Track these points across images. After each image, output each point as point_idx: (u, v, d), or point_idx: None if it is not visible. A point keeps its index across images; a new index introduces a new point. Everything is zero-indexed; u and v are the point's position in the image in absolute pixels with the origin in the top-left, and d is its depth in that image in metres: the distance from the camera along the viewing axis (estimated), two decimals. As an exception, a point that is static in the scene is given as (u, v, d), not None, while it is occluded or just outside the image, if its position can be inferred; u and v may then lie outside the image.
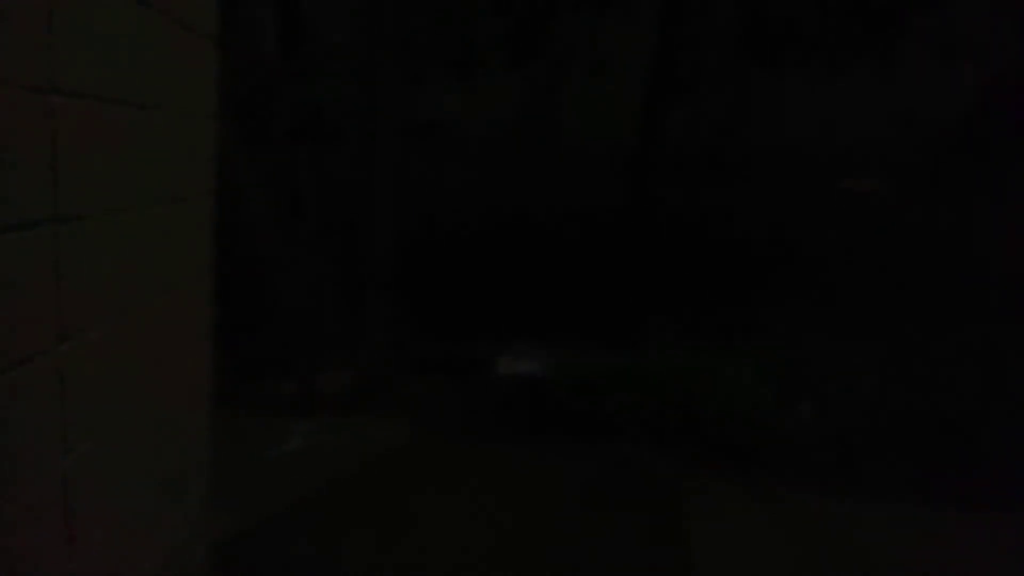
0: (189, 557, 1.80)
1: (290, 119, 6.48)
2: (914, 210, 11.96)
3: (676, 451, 4.82)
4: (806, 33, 7.37)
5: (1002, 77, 10.28)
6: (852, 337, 7.40)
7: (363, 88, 6.43)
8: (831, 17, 7.65)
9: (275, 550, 3.37)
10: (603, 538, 3.67)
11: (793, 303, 8.94)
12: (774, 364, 5.85)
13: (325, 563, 3.28)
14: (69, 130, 1.09)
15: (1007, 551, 3.67)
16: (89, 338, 1.20)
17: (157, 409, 1.55)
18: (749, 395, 5.18)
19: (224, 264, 2.17)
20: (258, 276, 5.99)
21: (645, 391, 5.30)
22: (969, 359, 6.65)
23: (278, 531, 3.54)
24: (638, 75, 7.48)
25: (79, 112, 1.12)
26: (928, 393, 5.71)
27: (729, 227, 11.71)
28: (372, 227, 6.13)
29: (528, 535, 3.66)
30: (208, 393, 1.96)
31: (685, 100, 9.09)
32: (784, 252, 10.93)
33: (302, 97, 6.61)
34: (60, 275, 1.08)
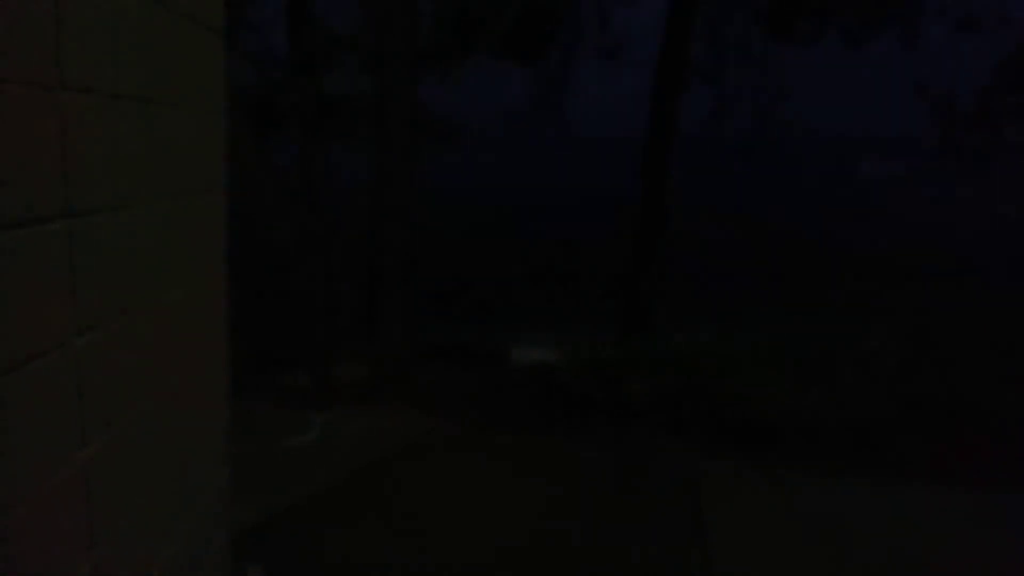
0: (209, 548, 1.83)
1: (302, 112, 6.49)
2: (933, 191, 11.81)
3: (693, 435, 4.81)
4: (822, 4, 7.22)
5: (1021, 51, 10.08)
6: (868, 321, 7.33)
7: (374, 80, 6.42)
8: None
9: (295, 541, 3.40)
10: (621, 523, 3.68)
11: (809, 289, 8.87)
12: (791, 348, 5.82)
13: (346, 553, 3.32)
14: (79, 126, 1.10)
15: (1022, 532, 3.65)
16: (105, 331, 1.21)
17: (175, 401, 1.57)
18: (766, 379, 5.16)
19: (240, 257, 2.19)
20: (273, 269, 6.02)
21: (662, 375, 5.30)
22: (984, 342, 6.57)
23: (298, 522, 3.58)
24: (651, 58, 7.41)
25: (88, 108, 1.12)
26: (943, 376, 5.66)
27: (743, 211, 11.62)
28: (385, 216, 6.14)
29: (548, 521, 3.68)
30: (226, 384, 1.98)
31: (699, 82, 8.98)
32: (800, 237, 10.84)
33: (313, 90, 6.61)
34: (74, 269, 1.10)
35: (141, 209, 1.35)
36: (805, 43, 7.98)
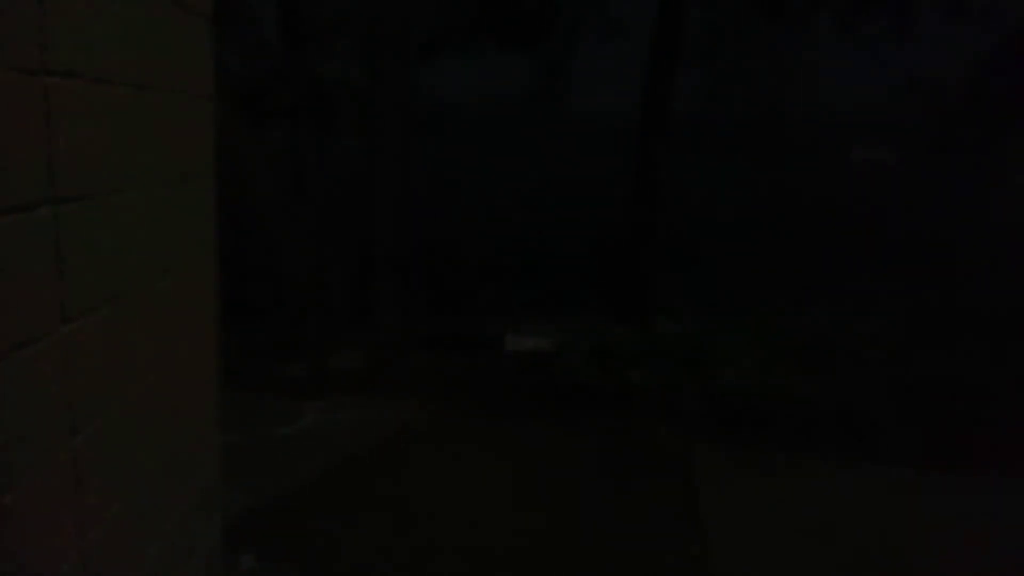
0: (201, 535, 1.83)
1: (294, 98, 6.45)
2: (924, 176, 11.83)
3: (689, 422, 4.83)
4: None
5: (1013, 38, 10.09)
6: (864, 306, 7.36)
7: (368, 66, 6.38)
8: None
9: (287, 528, 3.41)
10: (618, 512, 3.70)
11: (803, 274, 8.89)
12: (786, 334, 5.84)
13: (337, 540, 3.33)
14: (64, 111, 1.08)
15: (1018, 517, 3.68)
16: (93, 319, 1.21)
17: (165, 389, 1.57)
18: (763, 366, 5.17)
19: (233, 245, 2.18)
20: (267, 256, 6.00)
21: (658, 363, 5.30)
22: (980, 326, 6.61)
23: (290, 510, 3.59)
24: (646, 41, 7.34)
25: (73, 93, 1.11)
26: (938, 362, 5.69)
27: (737, 197, 11.63)
28: (379, 205, 6.12)
29: (542, 510, 3.69)
30: (216, 372, 1.97)
31: (693, 65, 8.90)
32: (793, 223, 10.85)
33: (306, 76, 6.56)
34: (60, 256, 1.09)
35: (129, 196, 1.34)
36: (796, 25, 7.93)
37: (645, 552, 3.31)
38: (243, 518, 3.33)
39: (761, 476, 4.15)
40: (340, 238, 6.76)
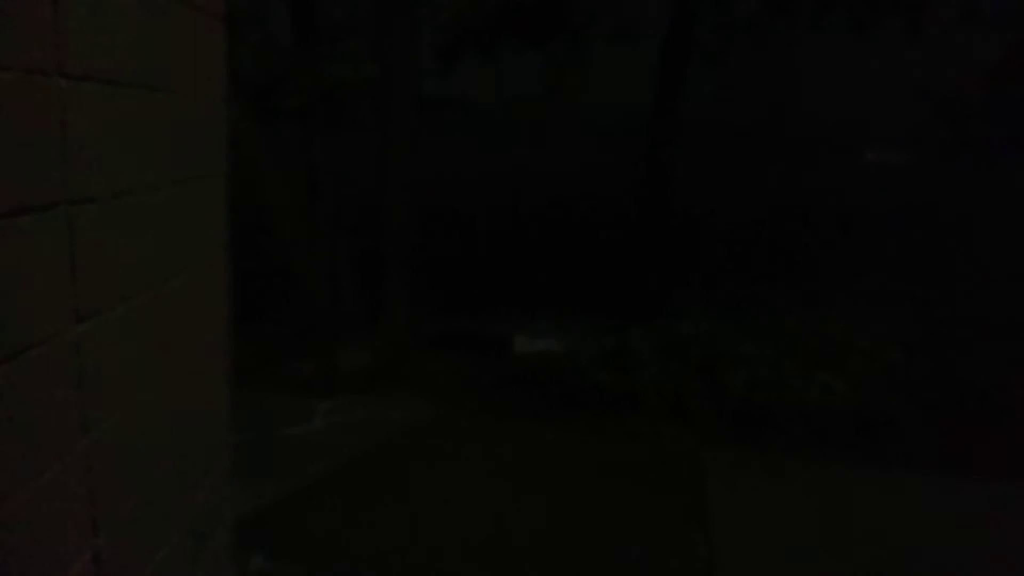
0: (212, 534, 1.83)
1: (306, 98, 6.46)
2: (937, 180, 11.76)
3: (698, 424, 4.81)
4: None
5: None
6: (876, 309, 7.32)
7: (380, 65, 6.38)
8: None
9: (297, 527, 3.42)
10: (625, 512, 3.69)
11: (816, 276, 8.85)
12: (798, 335, 5.80)
13: (348, 539, 3.33)
14: (78, 113, 1.09)
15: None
16: (106, 319, 1.21)
17: (178, 389, 1.57)
18: (772, 367, 5.14)
19: (243, 245, 2.18)
20: (277, 256, 6.02)
21: (666, 364, 5.28)
22: (994, 329, 6.55)
23: (300, 508, 3.60)
24: (657, 42, 7.30)
25: (87, 95, 1.12)
26: (952, 364, 5.65)
27: (748, 198, 11.59)
28: (389, 204, 6.12)
29: (549, 510, 3.69)
30: (228, 372, 1.98)
31: (703, 65, 8.84)
32: (805, 224, 10.80)
33: (317, 75, 6.58)
34: (75, 257, 1.09)
35: (141, 196, 1.35)
36: (807, 25, 7.84)
37: (651, 554, 3.30)
38: (253, 518, 3.34)
39: (771, 478, 4.13)
40: (350, 237, 6.78)
